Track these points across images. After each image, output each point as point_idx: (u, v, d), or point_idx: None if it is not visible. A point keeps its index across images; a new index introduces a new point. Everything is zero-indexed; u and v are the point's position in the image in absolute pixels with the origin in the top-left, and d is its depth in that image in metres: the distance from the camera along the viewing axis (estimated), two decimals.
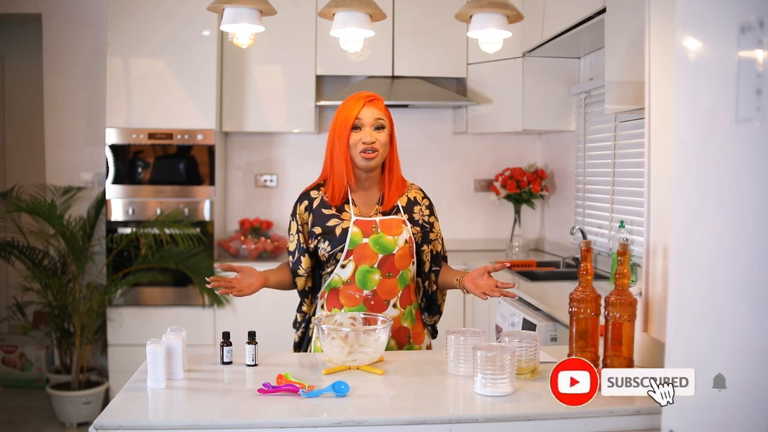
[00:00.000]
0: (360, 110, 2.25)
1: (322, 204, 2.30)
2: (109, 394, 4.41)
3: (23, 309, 4.57)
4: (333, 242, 2.24)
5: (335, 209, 2.29)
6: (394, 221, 2.29)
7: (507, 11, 2.40)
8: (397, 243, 2.26)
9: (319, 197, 2.31)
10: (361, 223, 2.26)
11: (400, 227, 2.29)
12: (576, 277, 1.95)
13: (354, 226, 2.25)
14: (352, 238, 2.23)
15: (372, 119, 2.25)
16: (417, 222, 2.34)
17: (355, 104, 2.26)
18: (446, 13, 3.80)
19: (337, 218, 2.27)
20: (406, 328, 2.31)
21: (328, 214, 2.28)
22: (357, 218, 2.27)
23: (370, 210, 2.31)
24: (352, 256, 2.24)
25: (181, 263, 4.27)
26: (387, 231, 2.27)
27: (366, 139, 2.23)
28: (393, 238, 2.26)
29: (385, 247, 2.25)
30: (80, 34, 4.77)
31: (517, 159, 5.04)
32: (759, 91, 1.08)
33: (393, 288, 2.27)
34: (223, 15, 2.38)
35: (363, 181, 2.31)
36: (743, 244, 1.14)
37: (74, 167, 4.81)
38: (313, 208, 2.30)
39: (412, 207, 2.36)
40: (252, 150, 4.97)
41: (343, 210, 2.29)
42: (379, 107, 2.28)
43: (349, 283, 2.25)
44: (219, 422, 1.65)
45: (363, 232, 2.25)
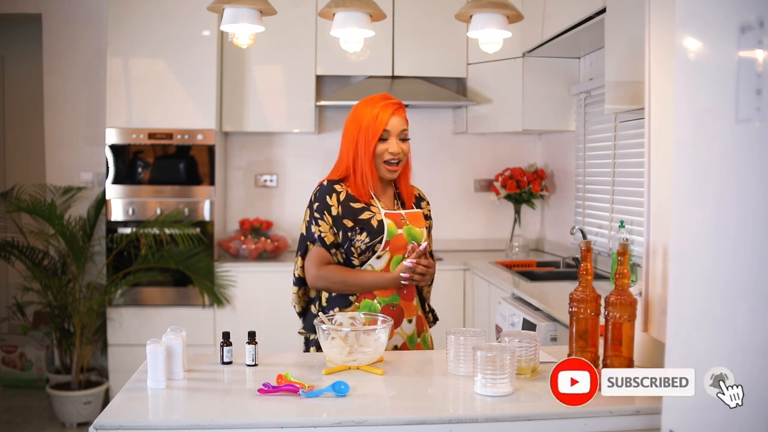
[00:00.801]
0: (389, 119, 2.28)
1: (348, 197, 2.31)
2: (109, 394, 4.41)
3: (23, 309, 4.57)
4: (372, 234, 2.27)
5: (362, 203, 2.32)
6: (417, 214, 2.40)
7: (507, 11, 2.40)
8: (423, 234, 2.37)
9: (344, 191, 2.32)
10: (392, 216, 2.33)
11: (422, 220, 2.40)
12: (576, 277, 1.95)
13: (387, 218, 2.30)
14: (389, 230, 2.29)
15: (399, 130, 2.30)
16: (427, 217, 2.47)
17: (383, 112, 2.28)
18: (446, 13, 3.80)
19: (368, 211, 2.31)
20: (420, 316, 2.40)
21: (357, 207, 2.30)
22: (386, 211, 2.33)
23: (392, 204, 2.39)
24: (389, 246, 2.29)
25: (181, 263, 4.27)
26: (414, 222, 2.36)
27: (393, 149, 2.28)
28: (420, 229, 2.36)
29: (415, 238, 2.33)
30: (80, 34, 4.77)
31: (517, 159, 5.04)
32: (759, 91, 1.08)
33: None
34: (223, 15, 2.38)
35: (382, 182, 2.38)
36: (743, 244, 1.14)
37: (74, 167, 4.81)
38: (341, 201, 2.31)
39: (420, 203, 2.47)
40: (252, 150, 4.97)
41: (371, 204, 2.33)
42: (404, 116, 2.33)
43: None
44: (219, 422, 1.65)
45: (396, 224, 2.31)
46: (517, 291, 3.45)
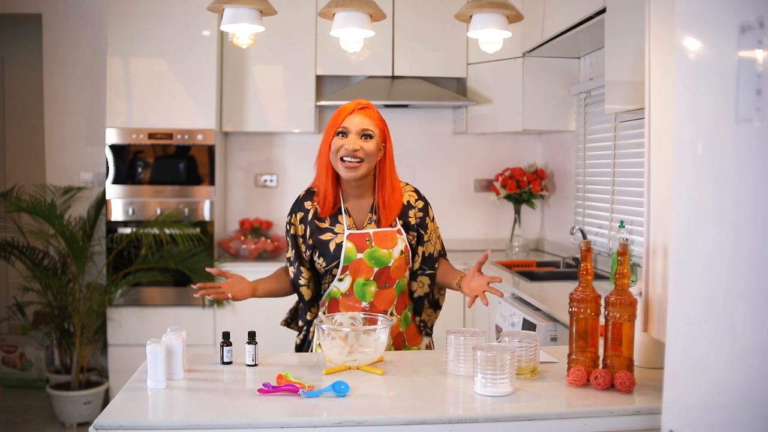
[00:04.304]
0: (347, 116, 2.18)
1: (315, 215, 2.26)
2: (109, 394, 4.41)
3: (23, 309, 4.57)
4: (327, 258, 2.22)
5: (329, 221, 2.24)
6: (388, 233, 2.24)
7: (507, 11, 2.40)
8: (392, 255, 2.22)
9: (312, 208, 2.26)
10: (355, 237, 2.21)
11: (395, 239, 2.24)
12: (576, 277, 1.95)
13: (348, 241, 2.20)
14: (347, 255, 2.20)
15: (359, 128, 2.17)
16: (412, 226, 2.30)
17: (344, 109, 2.20)
18: (446, 13, 3.81)
19: (330, 232, 2.23)
20: (401, 332, 2.32)
21: (322, 227, 2.24)
22: (350, 232, 2.21)
23: (363, 218, 2.26)
24: (348, 270, 2.22)
25: (181, 263, 4.27)
26: (381, 244, 2.22)
27: (349, 146, 2.15)
28: (388, 251, 2.22)
29: (380, 261, 2.21)
30: (80, 34, 4.77)
31: (517, 159, 5.04)
32: (759, 91, 1.08)
33: (390, 297, 2.27)
34: (223, 15, 2.38)
35: (353, 189, 2.25)
36: (743, 244, 1.14)
37: (74, 167, 4.81)
38: (308, 220, 2.26)
39: (407, 212, 2.30)
40: (252, 150, 4.97)
41: (337, 221, 2.24)
42: (370, 116, 2.20)
43: (347, 294, 2.25)
44: (219, 422, 1.65)
45: (357, 247, 2.21)
46: (517, 291, 3.45)
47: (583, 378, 1.85)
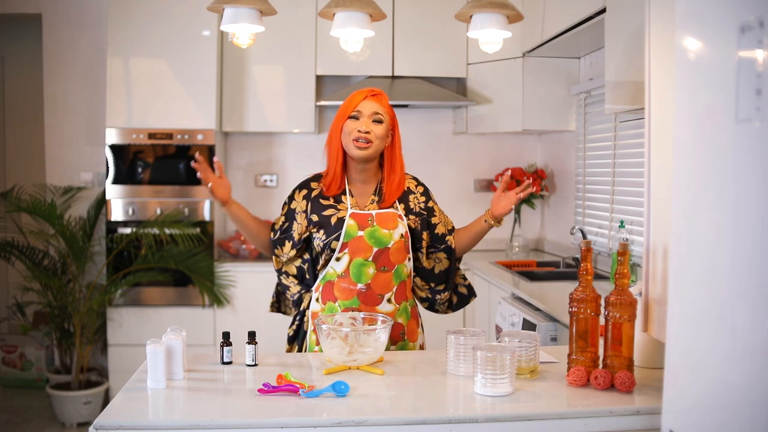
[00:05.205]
0: (360, 101, 2.28)
1: (320, 194, 2.34)
2: (109, 394, 4.41)
3: (23, 309, 4.57)
4: (328, 231, 2.26)
5: (332, 199, 2.32)
6: (390, 215, 2.31)
7: (507, 11, 2.40)
8: (393, 237, 2.28)
9: (318, 188, 2.35)
10: (357, 216, 2.28)
11: (396, 221, 2.31)
12: (576, 277, 1.95)
13: (350, 219, 2.27)
14: (348, 231, 2.25)
15: (370, 111, 2.27)
16: (413, 211, 2.36)
17: (358, 95, 2.30)
18: (446, 13, 3.81)
19: (333, 208, 2.30)
20: (401, 324, 2.32)
21: (325, 204, 2.31)
22: (353, 210, 2.29)
23: (366, 202, 2.33)
24: (347, 248, 2.25)
25: (181, 263, 4.27)
26: (382, 224, 2.28)
27: (361, 127, 2.25)
28: (388, 231, 2.27)
29: (380, 241, 2.26)
30: (80, 34, 4.77)
31: (517, 159, 5.04)
32: (759, 91, 1.08)
33: (388, 282, 2.27)
34: (223, 15, 2.38)
35: (359, 173, 2.33)
36: (743, 243, 1.14)
37: (74, 167, 4.81)
38: (311, 197, 2.34)
39: (407, 197, 2.38)
40: (252, 150, 4.97)
41: (341, 201, 2.31)
42: (381, 102, 2.30)
43: (343, 276, 2.27)
44: (219, 422, 1.65)
45: (358, 225, 2.27)
46: (517, 291, 3.45)
47: (583, 378, 1.85)
